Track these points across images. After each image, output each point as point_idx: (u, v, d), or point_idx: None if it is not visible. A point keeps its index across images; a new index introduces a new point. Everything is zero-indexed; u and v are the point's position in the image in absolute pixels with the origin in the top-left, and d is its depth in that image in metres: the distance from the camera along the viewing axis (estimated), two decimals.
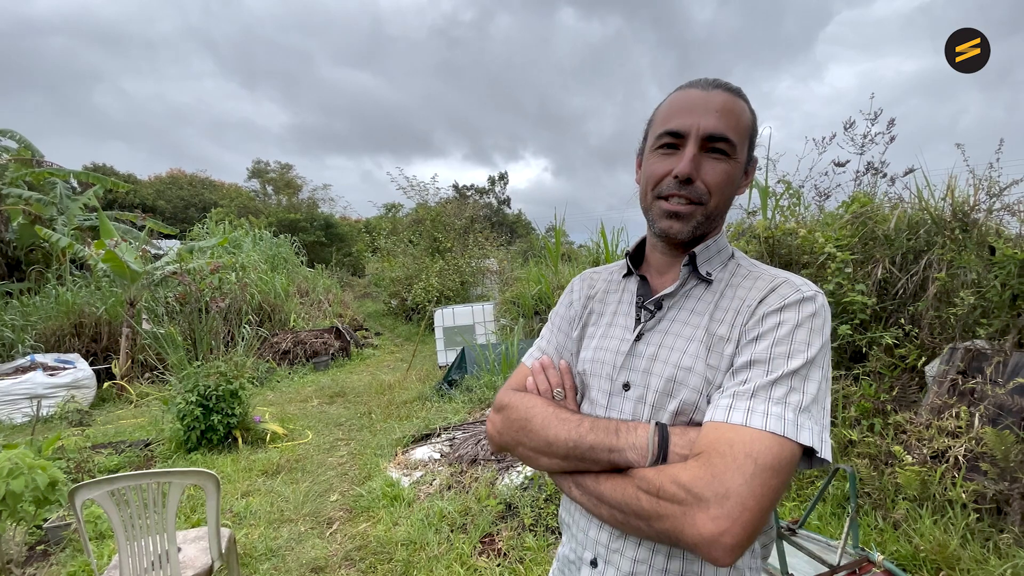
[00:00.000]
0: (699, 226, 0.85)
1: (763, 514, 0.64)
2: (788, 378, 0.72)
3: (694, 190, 0.82)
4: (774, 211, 4.74)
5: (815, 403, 0.72)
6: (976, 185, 3.45)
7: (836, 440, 3.10)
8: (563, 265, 9.24)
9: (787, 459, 0.67)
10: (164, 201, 25.59)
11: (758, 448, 0.67)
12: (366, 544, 3.04)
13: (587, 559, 0.87)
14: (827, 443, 0.71)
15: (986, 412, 2.72)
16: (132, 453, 4.55)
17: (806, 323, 0.76)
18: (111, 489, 1.94)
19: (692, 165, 0.81)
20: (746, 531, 0.63)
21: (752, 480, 0.64)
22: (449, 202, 14.97)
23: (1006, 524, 2.43)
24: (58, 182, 11.03)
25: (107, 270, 7.58)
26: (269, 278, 10.95)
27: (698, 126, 0.81)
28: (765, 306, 0.79)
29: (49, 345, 7.74)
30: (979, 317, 3.17)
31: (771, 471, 0.65)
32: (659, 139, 0.85)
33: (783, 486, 0.67)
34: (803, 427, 0.69)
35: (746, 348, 0.77)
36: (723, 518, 0.63)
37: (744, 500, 0.64)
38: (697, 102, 0.82)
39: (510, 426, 0.89)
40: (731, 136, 0.81)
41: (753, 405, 0.71)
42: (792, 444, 0.68)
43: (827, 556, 1.77)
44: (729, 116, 0.81)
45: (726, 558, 0.64)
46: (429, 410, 5.81)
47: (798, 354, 0.74)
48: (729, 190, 0.84)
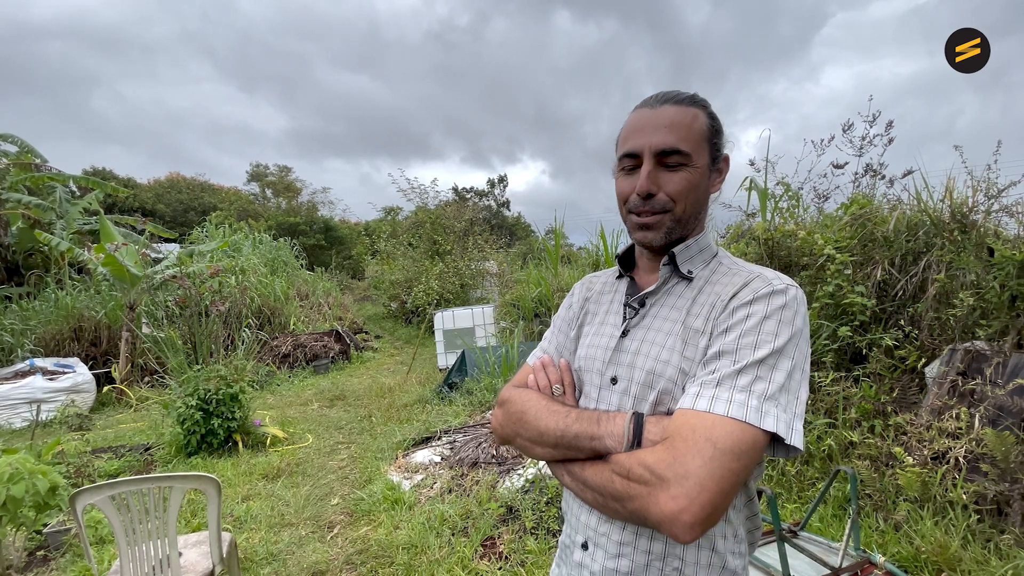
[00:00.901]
0: (671, 231, 0.90)
1: (722, 495, 0.68)
2: (754, 367, 0.76)
3: (656, 202, 0.88)
4: (773, 213, 4.75)
5: (783, 392, 0.75)
6: (974, 187, 3.46)
7: (837, 442, 3.10)
8: (563, 267, 9.24)
9: (748, 444, 0.70)
10: (163, 205, 25.59)
11: (718, 433, 0.70)
12: (367, 548, 3.04)
13: (579, 542, 0.92)
14: (798, 431, 0.74)
15: (986, 413, 2.73)
16: (132, 457, 4.54)
17: (775, 315, 0.79)
18: (112, 494, 1.94)
19: (649, 181, 0.87)
20: (704, 510, 0.67)
21: (711, 462, 0.68)
22: (449, 205, 14.96)
23: (1007, 525, 2.43)
24: (57, 186, 11.04)
25: (107, 274, 7.57)
26: (269, 281, 10.96)
27: (650, 145, 0.87)
28: (736, 300, 0.83)
29: (48, 349, 7.73)
30: (978, 318, 3.17)
31: (731, 455, 0.69)
32: (621, 161, 0.92)
33: (744, 469, 0.70)
34: (768, 414, 0.72)
35: (716, 339, 0.82)
36: (682, 497, 0.67)
37: (702, 481, 0.67)
38: (647, 121, 0.89)
39: (509, 419, 0.95)
40: (682, 147, 0.86)
41: (718, 393, 0.74)
42: (754, 430, 0.71)
43: (829, 558, 1.78)
44: (679, 128, 0.87)
45: (686, 535, 0.68)
46: (429, 413, 5.81)
47: (765, 344, 0.77)
48: (693, 194, 0.89)
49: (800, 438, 0.74)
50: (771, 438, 0.74)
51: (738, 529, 0.86)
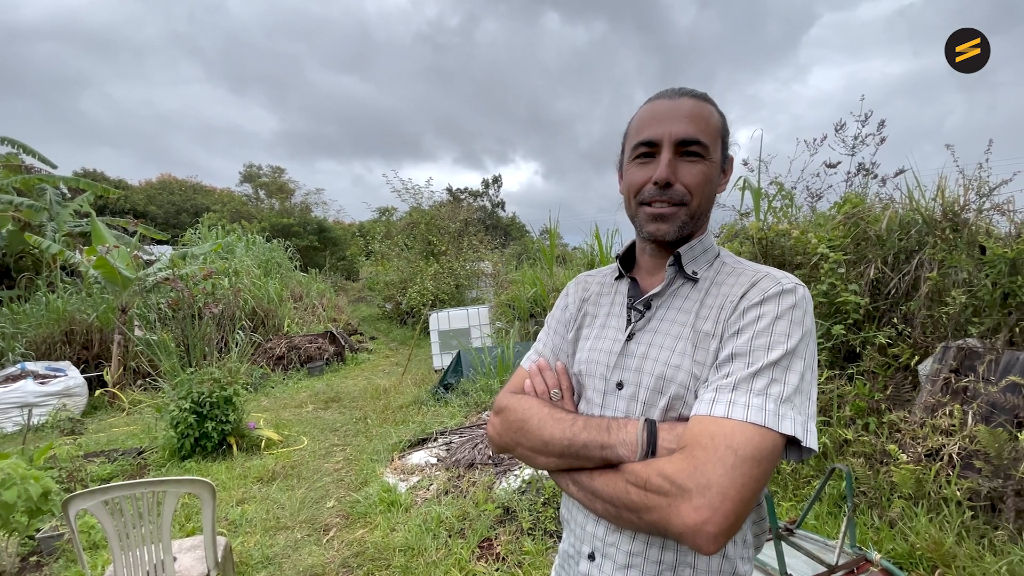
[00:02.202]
0: (684, 225, 0.88)
1: (744, 503, 0.66)
2: (769, 369, 0.74)
3: (674, 193, 0.86)
4: (767, 212, 4.77)
5: (797, 393, 0.74)
6: (966, 185, 3.49)
7: (832, 440, 3.12)
8: (558, 267, 9.24)
9: (768, 449, 0.69)
10: (155, 207, 25.41)
11: (738, 439, 0.68)
12: (363, 551, 3.03)
13: (585, 553, 0.89)
14: (812, 432, 0.73)
15: (979, 410, 2.75)
16: (125, 461, 4.50)
17: (786, 315, 0.78)
18: (105, 499, 1.92)
19: (669, 170, 0.85)
20: (728, 520, 0.65)
21: (733, 471, 0.66)
22: (443, 205, 14.94)
23: (1000, 521, 2.45)
24: (48, 188, 10.93)
25: (98, 276, 7.51)
26: (262, 283, 10.89)
27: (670, 133, 0.85)
28: (746, 300, 0.81)
29: (40, 353, 7.65)
30: (971, 316, 3.20)
31: (752, 461, 0.67)
32: (635, 150, 0.89)
33: (765, 475, 0.69)
34: (785, 417, 0.71)
35: (728, 342, 0.80)
36: (705, 508, 0.65)
37: (725, 490, 0.66)
38: (667, 111, 0.87)
39: (508, 427, 0.92)
40: (702, 138, 0.85)
41: (735, 397, 0.73)
42: (773, 434, 0.70)
43: (825, 556, 1.78)
44: (698, 120, 0.85)
45: (710, 546, 0.66)
46: (425, 414, 5.79)
47: (778, 345, 0.76)
48: (708, 189, 0.88)
49: (815, 439, 0.73)
50: (786, 440, 0.73)
51: (747, 534, 0.85)
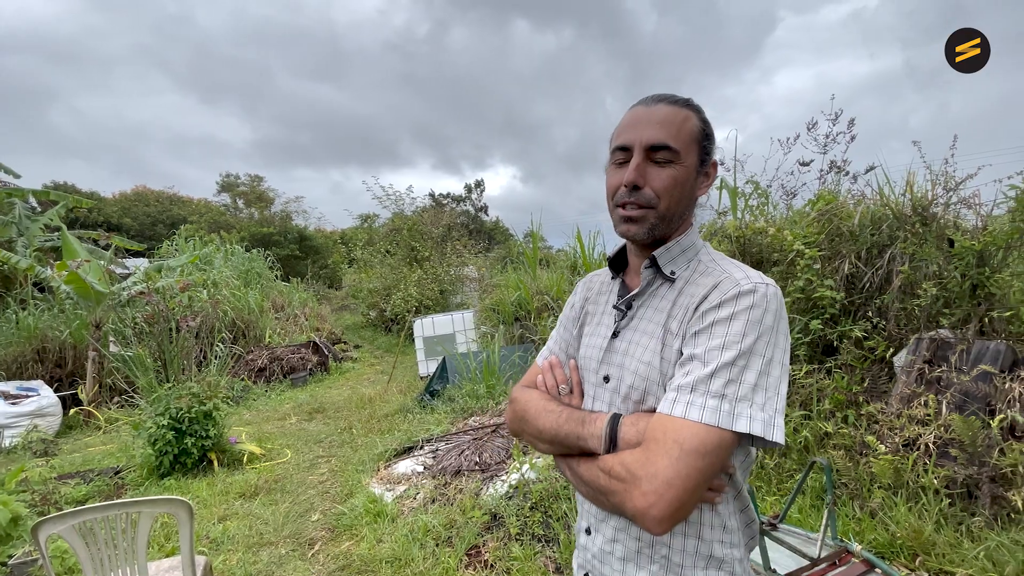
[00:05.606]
0: (654, 227, 0.92)
1: (688, 492, 0.73)
2: (726, 369, 0.78)
3: (643, 196, 0.90)
4: (744, 211, 4.84)
5: (757, 390, 0.78)
6: (933, 180, 3.58)
7: (812, 433, 3.16)
8: (542, 270, 9.25)
9: (714, 444, 0.75)
10: (130, 219, 24.83)
11: (684, 435, 0.75)
12: (350, 563, 2.98)
13: (583, 527, 1.03)
14: (779, 426, 0.77)
15: (953, 399, 2.81)
16: (101, 482, 4.37)
17: (741, 316, 0.81)
18: (76, 523, 1.86)
19: (636, 173, 0.89)
20: (672, 505, 0.73)
21: (677, 462, 0.74)
22: (426, 211, 14.86)
23: (977, 508, 2.51)
24: (17, 202, 10.61)
25: (70, 292, 7.30)
26: (242, 294, 10.69)
27: (640, 138, 0.89)
28: (707, 303, 0.86)
29: (10, 372, 7.41)
30: (942, 307, 3.28)
31: (695, 454, 0.74)
32: (613, 155, 0.95)
33: (711, 468, 0.75)
34: (740, 416, 0.76)
35: (688, 343, 0.85)
36: (651, 494, 0.74)
37: (670, 479, 0.73)
38: (641, 117, 0.92)
39: (515, 417, 1.04)
40: (672, 144, 0.88)
41: (692, 399, 0.78)
42: (721, 432, 0.75)
43: (807, 549, 1.80)
44: (669, 126, 0.89)
45: (656, 528, 0.74)
46: (411, 422, 5.74)
47: (732, 346, 0.79)
48: (678, 192, 0.91)
49: (781, 432, 0.77)
50: (749, 436, 0.77)
51: (727, 521, 0.90)
